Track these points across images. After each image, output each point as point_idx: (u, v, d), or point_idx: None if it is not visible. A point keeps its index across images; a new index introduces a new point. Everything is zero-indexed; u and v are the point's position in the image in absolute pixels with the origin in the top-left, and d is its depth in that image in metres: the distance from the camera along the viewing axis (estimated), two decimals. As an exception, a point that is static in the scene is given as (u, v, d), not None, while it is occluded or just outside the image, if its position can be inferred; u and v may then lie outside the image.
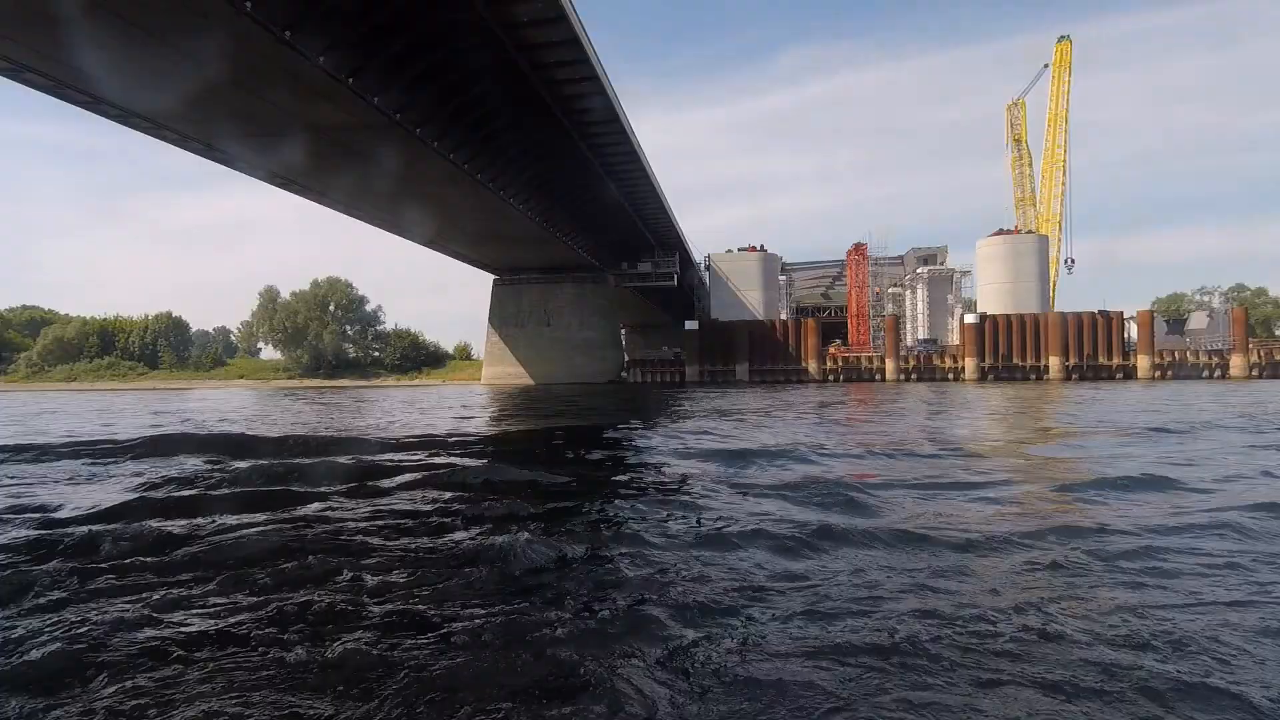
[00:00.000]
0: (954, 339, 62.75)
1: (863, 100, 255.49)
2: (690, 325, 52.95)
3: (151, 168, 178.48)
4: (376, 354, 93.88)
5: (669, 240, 56.91)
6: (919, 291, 67.96)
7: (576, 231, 48.50)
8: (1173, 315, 64.74)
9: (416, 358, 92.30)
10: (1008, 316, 49.98)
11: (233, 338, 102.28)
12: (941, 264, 69.42)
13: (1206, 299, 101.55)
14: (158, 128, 26.00)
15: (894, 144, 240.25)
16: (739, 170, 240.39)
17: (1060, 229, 68.16)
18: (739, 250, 57.93)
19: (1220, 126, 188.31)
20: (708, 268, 58.98)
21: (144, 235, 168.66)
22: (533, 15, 23.03)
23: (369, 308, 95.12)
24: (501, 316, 59.47)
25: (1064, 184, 69.83)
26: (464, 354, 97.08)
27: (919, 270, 67.93)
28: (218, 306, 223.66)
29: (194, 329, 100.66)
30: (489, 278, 59.81)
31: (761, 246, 57.20)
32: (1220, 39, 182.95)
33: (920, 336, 57.93)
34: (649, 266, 59.82)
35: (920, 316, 66.52)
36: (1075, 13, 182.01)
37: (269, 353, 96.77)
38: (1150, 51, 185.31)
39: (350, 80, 22.42)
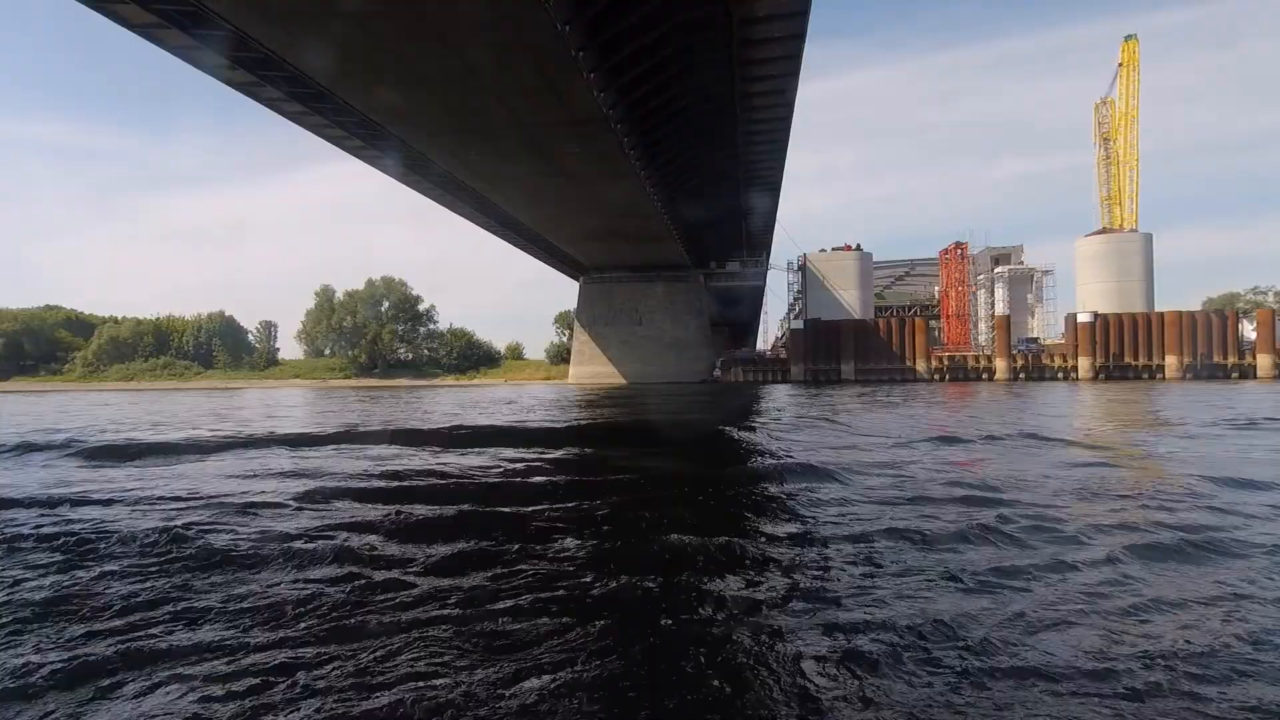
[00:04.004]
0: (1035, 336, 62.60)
1: (864, 99, 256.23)
2: (795, 324, 52.78)
3: (156, 167, 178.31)
4: (428, 353, 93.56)
5: (762, 240, 56.73)
6: (997, 291, 67.80)
7: (684, 230, 48.31)
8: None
9: (472, 357, 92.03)
10: (1119, 315, 49.87)
11: (250, 337, 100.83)
12: (1019, 263, 69.31)
13: (1261, 298, 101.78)
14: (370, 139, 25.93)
15: (900, 144, 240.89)
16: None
17: (1136, 228, 68.33)
18: (833, 249, 57.75)
19: (1220, 126, 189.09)
20: (801, 268, 58.77)
21: (145, 235, 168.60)
22: (771, 10, 22.76)
23: (421, 307, 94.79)
24: (590, 315, 59.19)
25: (1137, 183, 69.97)
26: (515, 353, 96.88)
27: (999, 269, 67.75)
28: (225, 306, 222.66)
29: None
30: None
31: (858, 246, 57.05)
32: (1221, 39, 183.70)
33: (1021, 336, 57.86)
34: (737, 266, 59.58)
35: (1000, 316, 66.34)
36: (1076, 14, 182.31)
37: (288, 352, 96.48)
38: (1151, 51, 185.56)
39: (591, 75, 22.22)
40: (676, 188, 37.85)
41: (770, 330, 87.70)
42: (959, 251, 54.95)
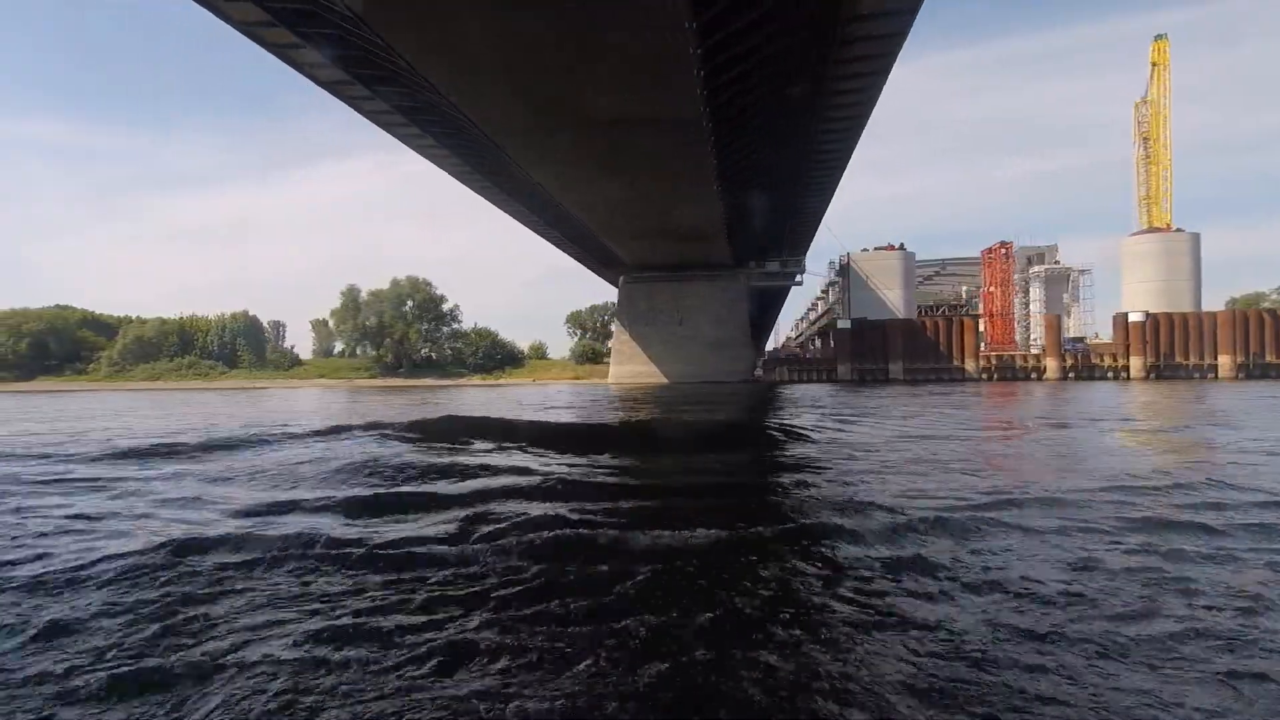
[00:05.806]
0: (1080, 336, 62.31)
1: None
2: (843, 324, 52.65)
3: (160, 166, 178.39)
4: (449, 353, 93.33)
5: (804, 239, 56.51)
6: (1033, 290, 67.53)
7: (734, 230, 48.09)
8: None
9: (496, 356, 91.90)
10: (1170, 315, 49.74)
11: (260, 337, 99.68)
12: (1055, 263, 69.07)
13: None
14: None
15: (911, 143, 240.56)
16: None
17: (1178, 227, 68.10)
18: (875, 249, 57.57)
19: (1224, 126, 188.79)
20: (842, 268, 58.58)
21: (149, 234, 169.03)
22: (871, 9, 22.51)
23: (446, 307, 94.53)
24: (632, 315, 58.94)
25: (1170, 181, 69.75)
26: (539, 353, 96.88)
27: (1035, 269, 67.51)
28: (231, 306, 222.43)
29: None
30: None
31: (901, 245, 56.85)
32: (1223, 39, 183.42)
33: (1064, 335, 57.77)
34: (776, 266, 59.37)
35: (1035, 315, 66.10)
36: (1078, 14, 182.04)
37: (297, 351, 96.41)
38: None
39: (701, 74, 22.02)
40: (739, 188, 37.61)
41: (783, 330, 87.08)
42: (1003, 251, 54.77)
